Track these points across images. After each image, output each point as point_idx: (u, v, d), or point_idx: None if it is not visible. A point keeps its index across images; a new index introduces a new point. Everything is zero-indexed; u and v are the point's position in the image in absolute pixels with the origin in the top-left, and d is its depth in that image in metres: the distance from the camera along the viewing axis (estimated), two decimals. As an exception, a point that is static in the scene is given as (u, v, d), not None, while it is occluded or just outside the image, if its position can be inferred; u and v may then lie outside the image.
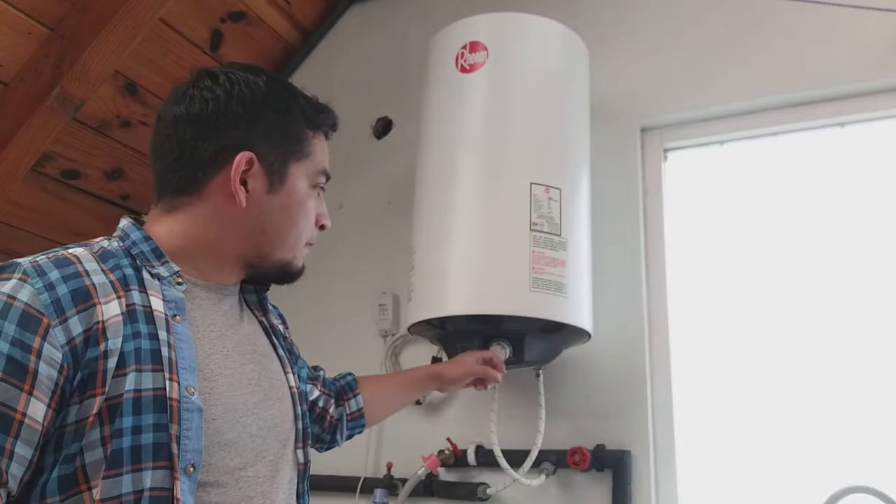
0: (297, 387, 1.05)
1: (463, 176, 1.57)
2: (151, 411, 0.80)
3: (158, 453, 0.79)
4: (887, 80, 1.65)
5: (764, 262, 1.72)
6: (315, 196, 1.02)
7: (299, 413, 1.03)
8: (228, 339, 0.94)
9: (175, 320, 0.86)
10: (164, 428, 0.79)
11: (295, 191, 0.98)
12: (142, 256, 0.89)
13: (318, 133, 1.02)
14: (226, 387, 0.90)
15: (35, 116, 1.85)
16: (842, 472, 1.49)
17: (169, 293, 0.88)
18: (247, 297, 1.06)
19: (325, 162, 1.03)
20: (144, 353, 0.82)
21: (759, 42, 1.78)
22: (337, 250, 2.16)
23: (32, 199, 2.07)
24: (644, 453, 1.65)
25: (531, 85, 1.61)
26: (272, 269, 1.00)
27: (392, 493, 1.80)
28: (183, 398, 0.82)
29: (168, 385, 0.81)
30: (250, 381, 0.94)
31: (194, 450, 0.82)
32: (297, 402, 1.03)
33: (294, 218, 0.98)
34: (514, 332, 1.50)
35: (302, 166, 0.99)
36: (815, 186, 1.71)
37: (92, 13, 1.83)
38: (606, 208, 1.77)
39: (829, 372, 1.59)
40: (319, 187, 1.03)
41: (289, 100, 1.00)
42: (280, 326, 1.12)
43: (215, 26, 2.15)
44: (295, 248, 1.01)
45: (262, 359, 0.99)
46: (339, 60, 2.36)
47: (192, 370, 0.85)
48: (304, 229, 1.01)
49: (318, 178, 1.02)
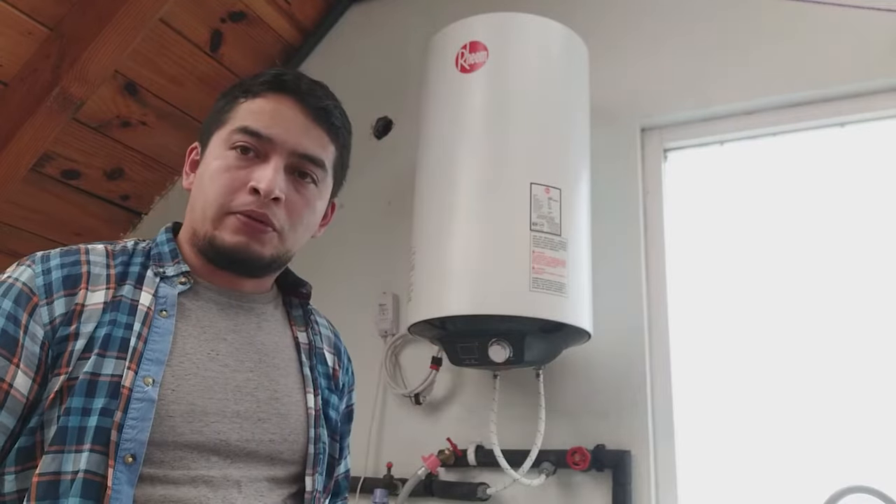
0: (318, 409, 0.97)
1: (463, 176, 1.57)
2: (104, 396, 0.80)
3: (98, 437, 0.79)
4: (887, 80, 1.65)
5: (764, 262, 1.71)
6: (238, 159, 0.91)
7: (312, 437, 0.95)
8: (226, 343, 0.92)
9: (161, 315, 0.87)
10: (110, 414, 0.79)
11: (209, 157, 0.94)
12: (157, 257, 0.92)
13: (248, 97, 0.94)
14: (200, 389, 0.87)
15: (35, 116, 1.85)
16: (842, 472, 1.49)
17: (162, 290, 0.89)
18: (292, 311, 1.04)
19: (246, 120, 0.92)
20: (113, 340, 0.83)
21: (759, 42, 1.78)
22: (337, 250, 2.16)
23: (32, 199, 2.08)
24: (644, 453, 1.65)
25: (531, 85, 1.61)
26: (212, 252, 0.92)
27: (392, 493, 1.80)
28: (136, 387, 0.81)
29: (125, 373, 0.82)
30: (239, 389, 0.90)
31: (137, 440, 0.80)
32: (311, 425, 0.96)
33: (205, 186, 0.92)
34: (514, 332, 1.50)
35: (221, 133, 0.94)
36: (815, 186, 1.71)
37: (92, 13, 1.83)
38: (606, 208, 1.77)
39: (829, 372, 1.59)
40: (242, 146, 0.91)
41: (238, 82, 0.99)
42: (327, 354, 1.06)
43: (215, 26, 2.15)
44: (214, 220, 0.90)
45: (270, 371, 0.95)
46: (339, 60, 2.36)
47: (160, 363, 0.84)
48: (217, 198, 0.90)
49: (233, 137, 0.92)
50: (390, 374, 1.95)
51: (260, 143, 0.92)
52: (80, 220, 2.19)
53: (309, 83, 0.97)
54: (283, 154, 0.92)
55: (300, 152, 0.94)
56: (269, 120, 0.92)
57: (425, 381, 1.85)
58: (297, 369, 0.98)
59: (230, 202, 0.90)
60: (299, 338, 1.01)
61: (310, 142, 0.95)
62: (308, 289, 1.05)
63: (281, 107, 0.94)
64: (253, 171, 0.91)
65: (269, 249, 0.93)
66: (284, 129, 0.93)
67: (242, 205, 0.90)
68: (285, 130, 0.93)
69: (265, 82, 0.94)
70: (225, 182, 0.90)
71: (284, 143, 0.92)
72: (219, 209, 0.90)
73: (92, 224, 2.21)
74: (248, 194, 0.90)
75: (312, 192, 0.96)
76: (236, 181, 0.90)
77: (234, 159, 0.91)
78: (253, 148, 0.92)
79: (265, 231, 0.91)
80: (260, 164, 0.91)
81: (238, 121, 0.93)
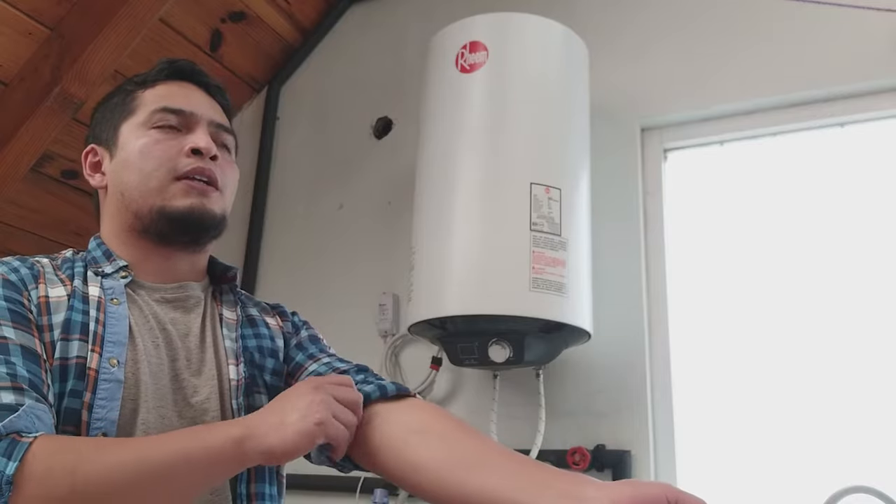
0: (239, 379, 0.95)
1: (463, 176, 1.57)
2: (72, 378, 0.82)
3: (70, 418, 0.81)
4: (887, 80, 1.65)
5: (764, 262, 1.71)
6: (164, 133, 0.96)
7: (234, 407, 0.93)
8: (165, 333, 0.93)
9: (112, 303, 0.90)
10: (79, 395, 0.82)
11: (128, 143, 0.97)
12: (93, 261, 0.96)
13: (148, 87, 1.01)
14: (152, 378, 0.88)
15: (35, 116, 1.85)
16: (842, 472, 1.49)
17: (108, 283, 0.92)
18: (222, 296, 1.04)
19: (161, 101, 0.98)
20: (74, 324, 0.86)
21: (760, 42, 1.78)
22: (337, 250, 2.16)
23: (32, 199, 2.07)
24: (644, 453, 1.65)
25: (531, 85, 1.61)
26: (161, 224, 0.94)
27: (392, 493, 1.80)
28: (102, 369, 0.83)
29: (89, 356, 0.84)
30: (177, 377, 0.91)
31: (108, 419, 0.82)
32: (233, 396, 0.94)
33: (135, 165, 0.95)
34: (514, 332, 1.50)
35: (132, 121, 0.98)
36: (815, 187, 1.71)
37: (92, 13, 1.83)
38: (606, 208, 1.77)
39: (829, 372, 1.59)
40: (166, 124, 0.96)
41: (120, 85, 1.04)
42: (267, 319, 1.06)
43: (215, 26, 2.15)
44: (160, 191, 0.94)
45: (208, 358, 0.95)
46: (339, 60, 2.36)
47: (122, 344, 0.86)
48: (156, 168, 0.94)
49: (154, 117, 0.97)
50: (390, 374, 1.94)
51: (182, 119, 0.98)
52: (80, 220, 2.19)
53: (197, 67, 1.06)
54: (204, 125, 0.99)
55: (217, 122, 1.01)
56: (183, 99, 0.99)
57: (425, 381, 1.85)
58: (221, 344, 0.98)
59: (173, 167, 0.94)
60: (224, 315, 1.01)
61: (218, 115, 1.03)
62: (234, 272, 1.07)
63: (184, 89, 1.01)
64: (183, 140, 0.96)
65: (218, 207, 0.98)
66: (198, 106, 1.00)
67: (186, 165, 0.94)
68: (199, 106, 1.00)
69: (162, 70, 1.02)
70: (160, 153, 0.95)
71: (203, 115, 0.99)
72: (163, 177, 0.94)
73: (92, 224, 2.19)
74: (187, 157, 0.95)
75: (230, 157, 1.04)
76: (171, 149, 0.95)
77: (160, 134, 0.96)
78: (176, 124, 0.97)
79: (213, 190, 0.97)
80: (187, 135, 0.97)
81: (151, 105, 0.98)
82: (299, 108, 2.41)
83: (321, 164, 2.29)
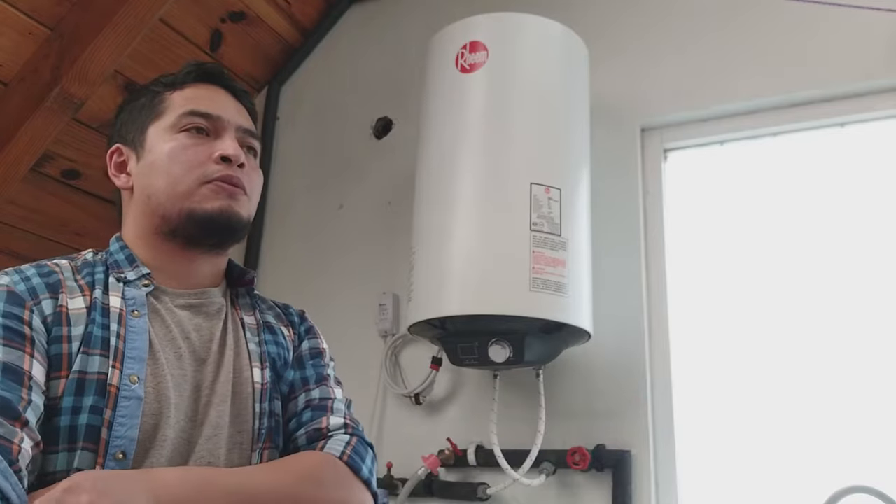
0: (265, 383, 0.97)
1: (463, 176, 1.57)
2: (92, 394, 0.82)
3: (90, 436, 0.80)
4: (887, 80, 1.65)
5: (764, 262, 1.71)
6: (192, 138, 0.97)
7: (257, 411, 0.95)
8: (189, 342, 0.93)
9: (133, 315, 0.89)
10: (99, 412, 0.81)
11: (156, 146, 0.97)
12: (115, 265, 0.95)
13: (176, 89, 1.01)
14: (176, 391, 0.88)
15: (35, 116, 1.85)
16: (842, 472, 1.49)
17: (129, 292, 0.91)
18: (239, 300, 1.05)
19: (189, 105, 0.98)
20: (95, 338, 0.85)
21: (759, 42, 1.78)
22: (337, 250, 2.16)
23: (32, 199, 2.07)
24: (644, 453, 1.65)
25: (531, 85, 1.61)
26: (190, 226, 0.95)
27: (392, 493, 1.80)
28: (123, 385, 0.83)
29: (110, 371, 0.84)
30: (198, 387, 0.91)
31: (127, 437, 0.82)
32: (256, 399, 0.95)
33: (164, 168, 0.95)
34: (514, 332, 1.50)
35: (160, 123, 0.98)
36: (815, 187, 1.71)
37: (92, 13, 1.83)
38: (606, 208, 1.77)
39: (829, 372, 1.59)
40: (195, 127, 0.97)
41: (146, 85, 1.04)
42: (283, 328, 1.07)
43: (215, 26, 2.15)
44: (188, 195, 0.94)
45: (226, 361, 0.95)
46: (339, 60, 2.37)
47: (142, 360, 0.86)
48: (185, 173, 0.94)
49: (182, 121, 0.97)
50: (390, 374, 1.95)
51: (211, 123, 0.98)
52: (80, 220, 2.19)
53: (225, 71, 1.06)
54: (232, 130, 0.99)
55: (244, 127, 1.02)
56: (211, 103, 1.00)
57: (425, 381, 1.85)
58: (245, 349, 0.99)
59: (202, 172, 0.95)
60: (245, 319, 1.03)
61: (245, 119, 1.04)
62: (252, 275, 1.07)
63: (212, 93, 1.02)
64: (212, 146, 0.97)
65: (245, 211, 0.99)
66: (226, 110, 1.00)
67: (215, 172, 0.95)
68: (227, 110, 1.00)
69: (190, 72, 1.02)
70: (189, 157, 0.95)
71: (231, 119, 1.00)
72: (193, 181, 0.95)
73: (92, 224, 2.20)
74: (216, 163, 0.96)
75: (255, 162, 1.05)
76: (200, 154, 0.96)
77: (188, 139, 0.96)
78: (205, 128, 0.98)
79: (241, 193, 0.98)
80: (215, 140, 0.98)
81: (180, 107, 0.98)
82: (299, 108, 2.41)
83: (321, 164, 2.29)
